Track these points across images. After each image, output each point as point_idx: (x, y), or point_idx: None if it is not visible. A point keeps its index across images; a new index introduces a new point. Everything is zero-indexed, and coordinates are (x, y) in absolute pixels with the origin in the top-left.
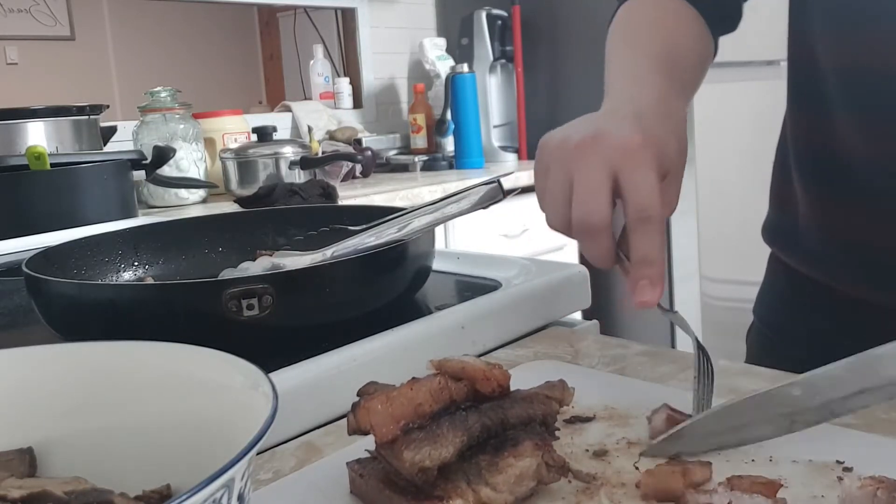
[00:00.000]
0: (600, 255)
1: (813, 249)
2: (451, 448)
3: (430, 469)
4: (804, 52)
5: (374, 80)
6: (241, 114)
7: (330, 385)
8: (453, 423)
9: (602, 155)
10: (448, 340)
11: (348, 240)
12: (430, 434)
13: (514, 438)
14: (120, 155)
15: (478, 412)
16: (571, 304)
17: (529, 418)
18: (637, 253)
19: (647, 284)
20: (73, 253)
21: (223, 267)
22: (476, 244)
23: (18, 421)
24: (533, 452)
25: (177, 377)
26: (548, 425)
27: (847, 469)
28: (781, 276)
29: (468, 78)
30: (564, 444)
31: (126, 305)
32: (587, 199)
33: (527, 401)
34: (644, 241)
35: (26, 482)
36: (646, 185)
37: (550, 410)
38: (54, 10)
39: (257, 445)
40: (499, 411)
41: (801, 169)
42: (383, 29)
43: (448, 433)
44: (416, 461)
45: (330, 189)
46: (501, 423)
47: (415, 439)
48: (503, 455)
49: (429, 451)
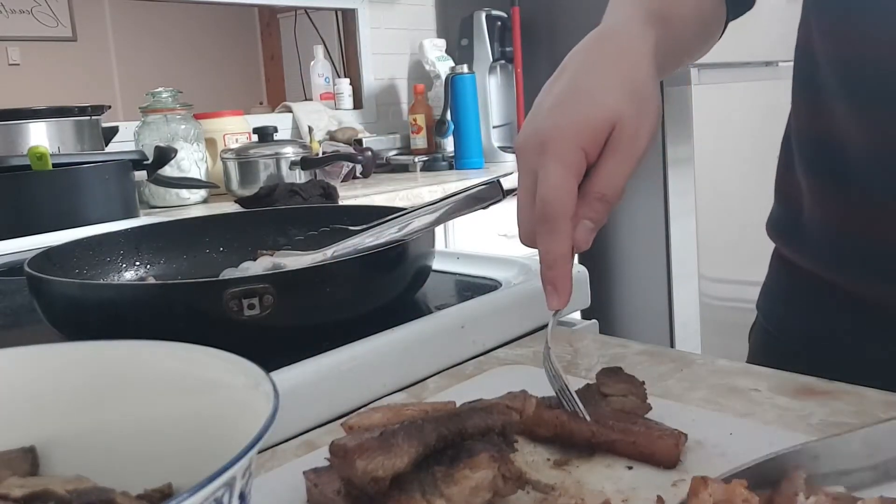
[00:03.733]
0: (550, 248)
1: (816, 244)
2: (406, 458)
3: (382, 479)
4: (805, 40)
5: (374, 81)
6: (241, 114)
7: (330, 384)
8: (408, 433)
9: (529, 157)
10: (448, 340)
11: (348, 240)
12: (384, 443)
13: (469, 449)
14: (121, 155)
15: (434, 422)
16: (571, 304)
17: (488, 428)
18: (540, 255)
19: (550, 290)
20: (74, 253)
21: (224, 267)
22: (476, 244)
23: (20, 420)
24: (489, 464)
25: (178, 376)
26: (506, 436)
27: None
28: (784, 271)
29: (468, 79)
30: (527, 452)
31: (127, 305)
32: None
33: (486, 411)
34: (544, 241)
35: (28, 481)
36: (548, 180)
37: (510, 421)
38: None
39: (258, 444)
40: (457, 421)
41: (804, 160)
42: (383, 30)
43: (403, 443)
44: (368, 471)
45: (330, 189)
46: (459, 433)
47: (368, 448)
48: (458, 466)
49: (382, 460)
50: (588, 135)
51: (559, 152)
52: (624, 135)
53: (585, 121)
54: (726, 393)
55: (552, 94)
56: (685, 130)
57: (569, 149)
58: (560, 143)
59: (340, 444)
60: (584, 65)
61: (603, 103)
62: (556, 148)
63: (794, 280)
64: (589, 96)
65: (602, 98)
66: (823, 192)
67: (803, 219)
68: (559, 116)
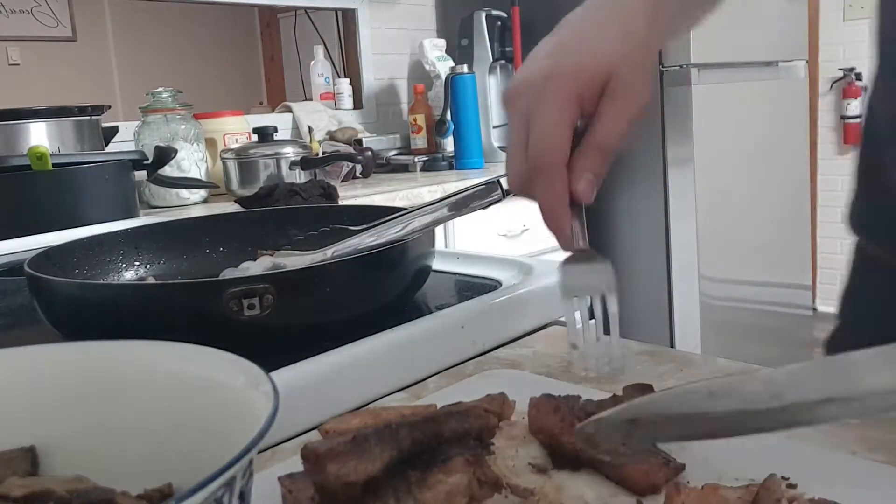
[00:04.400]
0: (548, 198)
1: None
2: (379, 462)
3: (355, 484)
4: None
5: (374, 81)
6: (241, 114)
7: (330, 384)
8: (382, 437)
9: (522, 102)
10: (448, 340)
11: (348, 240)
12: (357, 447)
13: (444, 453)
14: (121, 155)
15: (409, 426)
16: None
17: (465, 432)
18: (539, 204)
19: (559, 236)
20: (74, 253)
21: (224, 267)
22: (476, 244)
23: (20, 420)
24: (464, 468)
25: (178, 376)
26: (482, 440)
27: (792, 486)
28: (877, 272)
29: (468, 79)
30: (508, 457)
31: (127, 305)
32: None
33: (463, 415)
34: (540, 190)
35: (28, 481)
36: (543, 125)
37: (487, 425)
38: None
39: (258, 444)
40: (432, 425)
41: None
42: (383, 30)
43: (376, 447)
44: (340, 475)
45: (330, 189)
46: (435, 437)
47: (340, 452)
48: (433, 471)
49: (354, 464)
50: (585, 80)
51: (554, 96)
52: (621, 84)
53: (583, 66)
54: None
55: (549, 43)
56: (685, 130)
57: (564, 92)
58: (556, 87)
59: (312, 449)
60: (583, 19)
61: (601, 51)
62: (551, 91)
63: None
64: (588, 44)
65: (601, 46)
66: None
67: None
68: (556, 61)
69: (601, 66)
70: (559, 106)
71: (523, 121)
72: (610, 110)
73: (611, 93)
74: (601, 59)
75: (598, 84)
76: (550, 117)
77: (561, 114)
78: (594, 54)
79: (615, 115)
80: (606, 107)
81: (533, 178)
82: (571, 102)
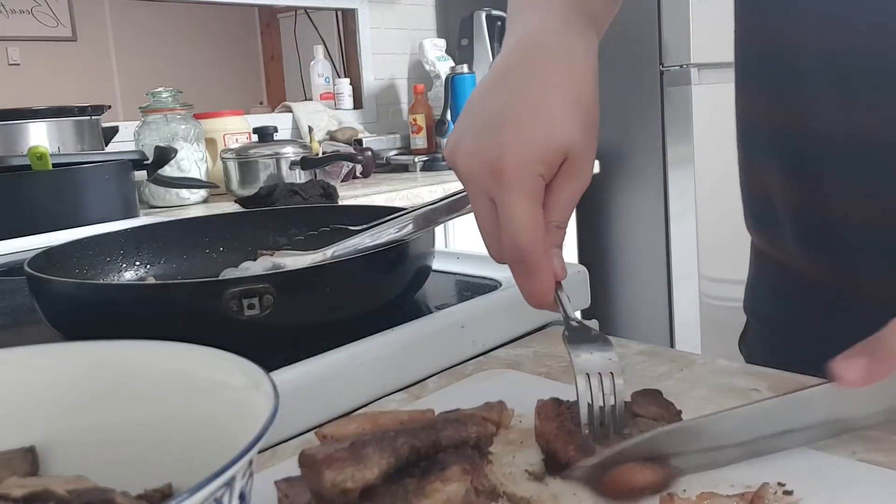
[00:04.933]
0: (536, 289)
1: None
2: (376, 470)
3: (352, 491)
4: (748, 30)
5: (374, 81)
6: (241, 114)
7: (330, 384)
8: (380, 444)
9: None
10: (448, 340)
11: (348, 240)
12: (355, 454)
13: (442, 462)
14: (121, 155)
15: (408, 433)
16: (571, 304)
17: (462, 440)
18: (525, 296)
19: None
20: (74, 253)
21: (224, 267)
22: (476, 244)
23: (20, 420)
24: (461, 476)
25: (178, 376)
26: (480, 448)
27: (788, 493)
28: (769, 268)
29: (468, 79)
30: (505, 463)
31: (127, 305)
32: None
33: (461, 422)
34: (527, 282)
35: (28, 481)
36: (518, 218)
37: (485, 433)
38: (56, 11)
39: (258, 444)
40: (430, 433)
41: (775, 151)
42: (383, 30)
43: (374, 454)
44: (337, 482)
45: (330, 189)
46: (433, 444)
47: (337, 459)
48: (430, 479)
49: (352, 471)
50: (548, 162)
51: (521, 182)
52: (577, 163)
53: (545, 146)
54: (726, 393)
55: (495, 104)
56: (685, 130)
57: (530, 177)
58: (521, 172)
59: (309, 455)
60: (528, 77)
61: (560, 127)
62: (516, 177)
63: (781, 276)
64: (545, 118)
65: (560, 120)
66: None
67: (772, 208)
68: (514, 138)
69: (560, 144)
70: (530, 194)
71: (489, 206)
72: (566, 188)
73: (566, 173)
74: (561, 137)
75: (558, 163)
76: (524, 209)
77: (534, 203)
78: (554, 130)
79: (571, 194)
80: (564, 185)
81: (513, 269)
82: (538, 185)
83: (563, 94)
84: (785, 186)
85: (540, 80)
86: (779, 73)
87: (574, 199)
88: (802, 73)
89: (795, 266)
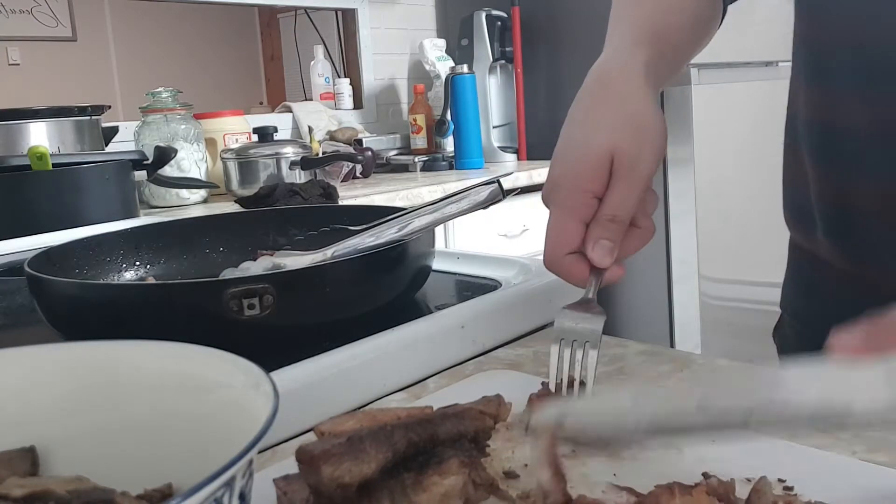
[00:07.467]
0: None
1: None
2: (374, 464)
3: (349, 486)
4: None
5: (374, 81)
6: (241, 114)
7: (330, 384)
8: (377, 439)
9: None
10: (448, 340)
11: (348, 240)
12: (352, 449)
13: (440, 455)
14: (121, 155)
15: (405, 428)
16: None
17: (460, 435)
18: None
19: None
20: (74, 253)
21: (224, 267)
22: (476, 244)
23: (20, 420)
24: (459, 470)
25: (178, 376)
26: (478, 442)
27: (788, 488)
28: (804, 262)
29: (468, 79)
30: (504, 458)
31: (127, 305)
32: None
33: (459, 416)
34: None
35: (28, 481)
36: (547, 227)
37: (483, 427)
38: (56, 11)
39: (258, 444)
40: (428, 427)
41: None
42: (383, 30)
43: (371, 449)
44: (334, 477)
45: (330, 189)
46: (430, 439)
47: (335, 454)
48: (428, 473)
49: (349, 466)
50: (587, 176)
51: (559, 199)
52: (623, 162)
53: (579, 165)
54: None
55: (560, 140)
56: (685, 130)
57: (568, 195)
58: (561, 191)
59: (307, 450)
60: (578, 113)
61: (594, 143)
62: (557, 196)
63: (814, 270)
64: (580, 144)
65: (593, 139)
66: (828, 176)
67: (807, 200)
68: (559, 167)
69: (598, 150)
70: (563, 207)
71: None
72: (617, 186)
73: (616, 172)
74: (596, 150)
75: (602, 171)
76: (549, 222)
77: (564, 212)
78: (588, 148)
79: (622, 190)
80: (614, 184)
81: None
82: (576, 199)
83: (603, 114)
84: (814, 177)
85: (585, 112)
86: (811, 66)
87: (625, 197)
88: (832, 67)
89: (825, 257)
